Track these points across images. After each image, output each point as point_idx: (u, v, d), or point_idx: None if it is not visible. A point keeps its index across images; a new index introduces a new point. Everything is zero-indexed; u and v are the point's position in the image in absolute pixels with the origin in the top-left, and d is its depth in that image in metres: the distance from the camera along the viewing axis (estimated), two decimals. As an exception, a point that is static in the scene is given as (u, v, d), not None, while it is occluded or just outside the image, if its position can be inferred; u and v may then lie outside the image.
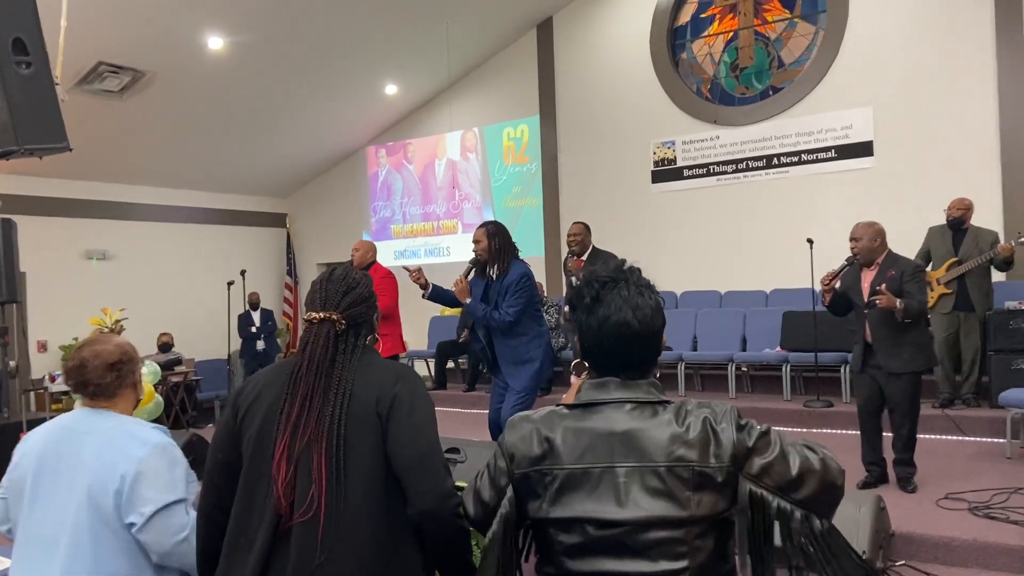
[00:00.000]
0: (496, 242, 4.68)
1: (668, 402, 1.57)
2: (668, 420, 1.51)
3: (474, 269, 4.79)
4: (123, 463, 2.04)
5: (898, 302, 4.33)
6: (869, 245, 4.58)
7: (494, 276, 4.72)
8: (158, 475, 2.06)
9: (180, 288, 11.26)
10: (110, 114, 9.13)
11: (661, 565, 1.46)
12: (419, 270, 4.93)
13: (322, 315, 1.80)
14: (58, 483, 2.07)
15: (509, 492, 1.60)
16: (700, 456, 1.47)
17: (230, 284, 9.55)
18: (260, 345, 10.51)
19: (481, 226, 4.82)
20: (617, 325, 1.57)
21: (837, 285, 4.64)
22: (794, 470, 1.50)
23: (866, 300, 4.53)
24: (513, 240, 4.77)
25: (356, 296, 1.85)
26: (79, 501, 2.04)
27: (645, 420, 1.52)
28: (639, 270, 1.66)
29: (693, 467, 1.46)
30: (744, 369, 7.79)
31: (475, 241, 4.76)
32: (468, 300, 4.68)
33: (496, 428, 4.89)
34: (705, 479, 1.47)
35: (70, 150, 3.96)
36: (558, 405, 1.64)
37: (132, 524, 2.02)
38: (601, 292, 1.60)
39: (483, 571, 1.61)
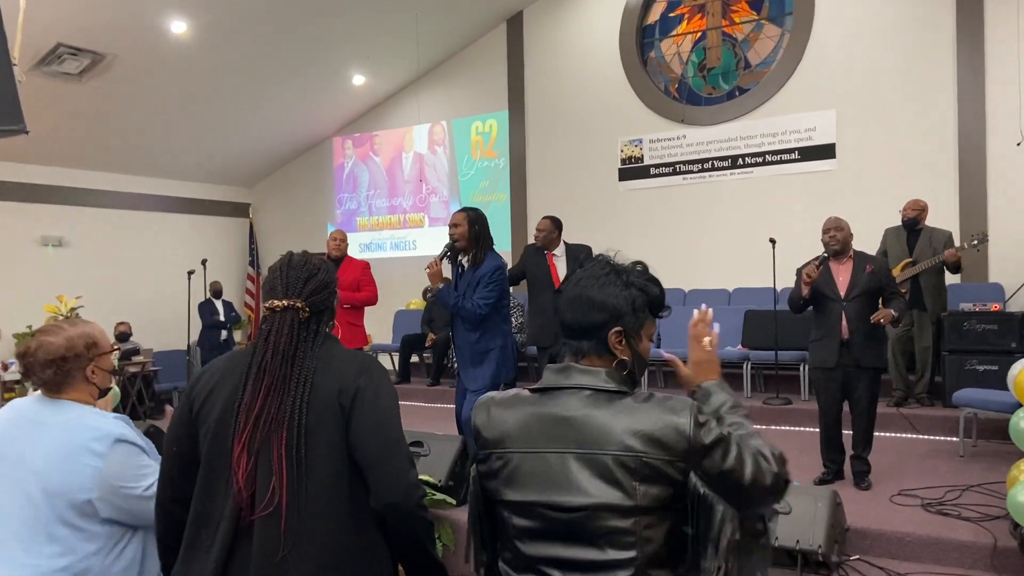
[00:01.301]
0: (475, 229, 4.52)
1: (626, 392, 1.57)
2: (623, 410, 1.52)
3: (448, 255, 4.62)
4: (84, 472, 1.99)
5: (893, 312, 4.48)
6: (848, 237, 4.67)
7: (465, 265, 4.60)
8: (125, 472, 2.03)
9: (139, 277, 11.05)
10: (69, 97, 8.92)
11: (609, 554, 1.47)
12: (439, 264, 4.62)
13: (285, 303, 1.75)
14: (3, 473, 2.03)
15: (473, 471, 1.65)
16: (650, 448, 1.48)
17: (191, 274, 9.40)
18: (223, 335, 10.37)
19: (461, 210, 4.65)
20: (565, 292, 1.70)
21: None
22: (747, 478, 1.52)
23: (843, 294, 4.59)
24: (490, 234, 4.63)
25: (318, 283, 1.80)
26: (26, 496, 1.99)
27: (600, 408, 1.53)
28: (601, 258, 1.75)
29: (641, 458, 1.47)
30: (706, 366, 7.86)
31: (453, 225, 4.57)
32: (441, 285, 4.51)
33: (464, 423, 4.85)
34: (653, 471, 1.47)
35: (27, 133, 3.87)
36: (525, 389, 1.66)
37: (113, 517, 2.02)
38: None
39: (467, 551, 1.66)
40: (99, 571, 2.01)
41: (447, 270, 4.68)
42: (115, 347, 2.33)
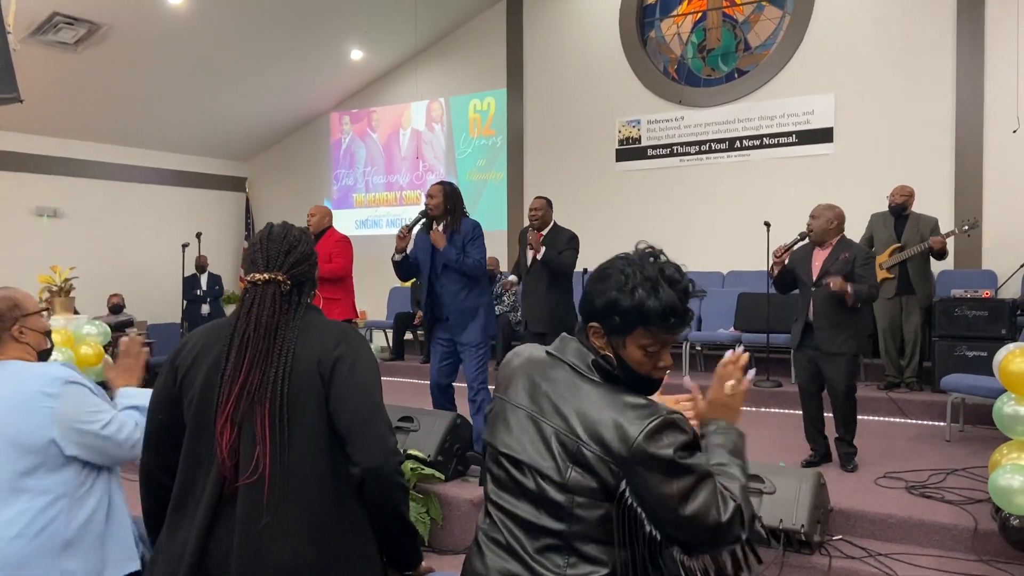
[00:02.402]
0: (450, 202, 4.86)
1: (597, 382, 1.58)
2: (589, 395, 1.57)
3: (422, 221, 4.94)
4: (42, 414, 2.09)
5: (849, 287, 4.43)
6: (824, 226, 4.66)
7: (444, 233, 4.88)
8: (80, 410, 2.13)
9: (134, 249, 11.04)
10: (64, 67, 8.87)
11: (543, 520, 1.54)
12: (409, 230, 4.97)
13: (267, 276, 1.76)
14: None
15: (490, 408, 1.77)
16: (590, 439, 1.51)
17: (185, 246, 9.39)
18: (205, 309, 10.36)
19: (438, 183, 5.00)
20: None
21: (786, 260, 4.73)
22: (686, 511, 1.46)
23: (815, 279, 4.62)
24: (464, 206, 4.97)
25: (299, 255, 1.81)
26: None
27: (573, 387, 1.59)
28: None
29: (579, 444, 1.52)
30: (699, 348, 7.92)
31: (429, 196, 4.91)
32: (444, 245, 4.78)
33: (438, 390, 5.04)
34: (585, 461, 1.51)
35: (21, 101, 3.87)
36: (547, 351, 1.71)
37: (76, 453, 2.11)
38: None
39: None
40: (65, 519, 2.08)
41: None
42: (43, 309, 2.44)
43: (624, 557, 1.51)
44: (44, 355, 2.38)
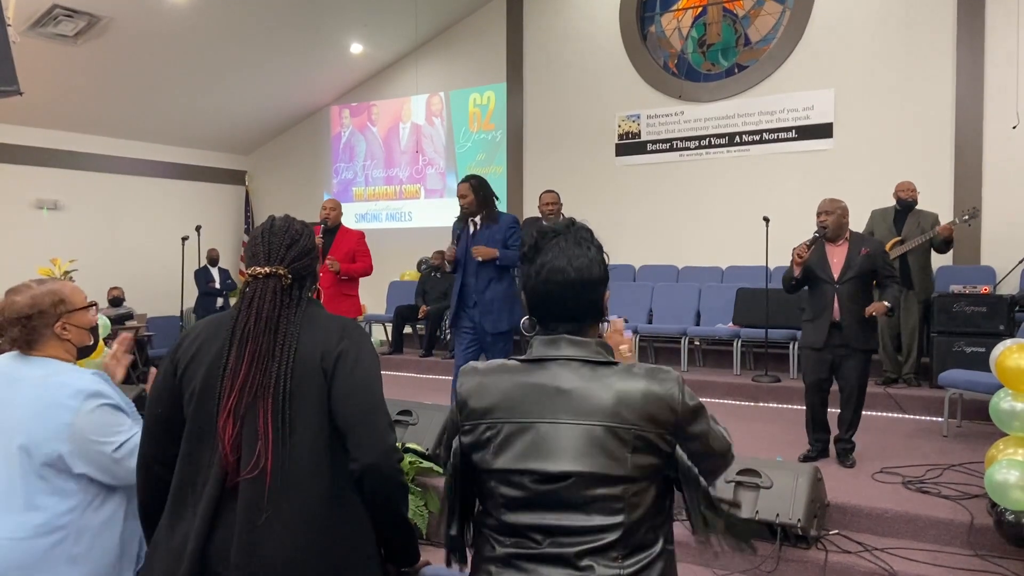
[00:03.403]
0: (481, 194, 4.99)
1: (615, 363, 1.60)
2: (614, 381, 1.55)
3: (459, 225, 5.09)
4: (57, 426, 2.03)
5: (886, 305, 4.50)
6: (839, 221, 4.65)
7: (479, 224, 5.00)
8: (96, 427, 2.06)
9: (134, 242, 11.05)
10: (64, 60, 8.86)
11: (596, 519, 1.50)
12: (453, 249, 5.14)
13: (268, 270, 1.76)
14: None
15: (456, 443, 1.65)
16: (641, 420, 1.51)
17: (184, 239, 9.40)
18: (219, 302, 10.39)
19: (464, 181, 5.09)
20: (552, 271, 1.61)
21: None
22: (717, 446, 1.61)
23: (837, 276, 4.62)
24: (493, 192, 5.13)
25: (301, 248, 1.80)
26: (4, 453, 2.03)
27: (591, 379, 1.56)
28: (585, 226, 1.69)
29: (633, 430, 1.51)
30: (697, 343, 7.93)
31: (461, 196, 5.02)
32: (494, 254, 4.93)
33: None
34: (644, 442, 1.51)
35: (20, 94, 3.87)
36: (512, 359, 1.66)
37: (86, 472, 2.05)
38: (540, 242, 1.65)
39: (441, 520, 1.66)
40: (76, 529, 2.04)
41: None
42: (91, 303, 2.33)
43: (688, 507, 1.58)
44: (86, 351, 2.30)
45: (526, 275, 1.66)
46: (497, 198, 5.14)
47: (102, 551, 2.08)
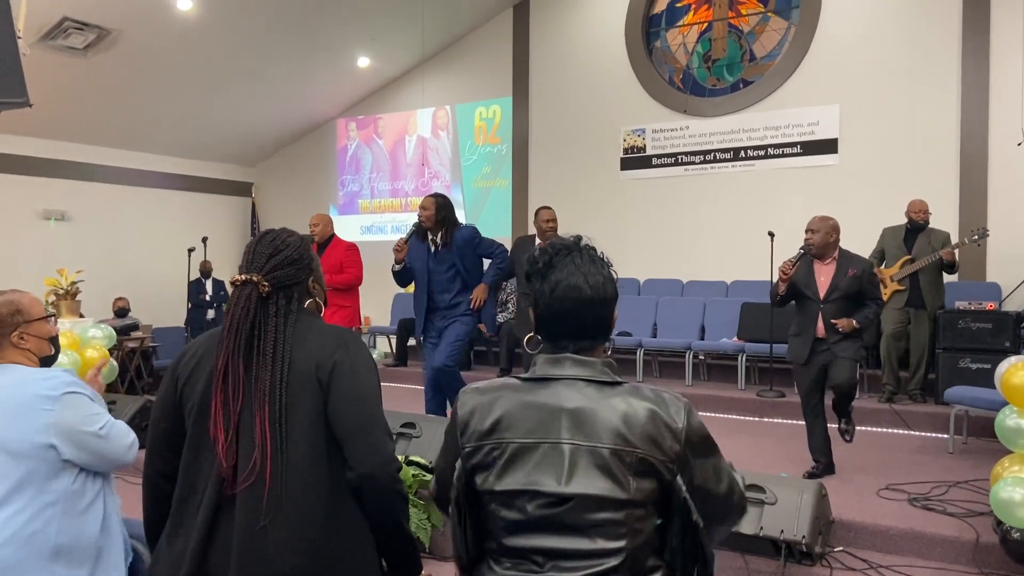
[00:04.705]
0: (442, 213, 5.16)
1: (621, 383, 1.56)
2: (619, 402, 1.51)
3: (414, 234, 5.26)
4: (40, 420, 2.10)
5: (855, 322, 4.52)
6: (824, 240, 4.65)
7: (439, 243, 5.19)
8: (78, 417, 2.15)
9: (140, 253, 11.08)
10: (74, 72, 8.92)
11: (599, 543, 1.47)
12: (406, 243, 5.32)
13: (244, 277, 1.77)
14: None
15: (458, 468, 1.60)
16: (646, 445, 1.48)
17: (191, 251, 9.43)
18: (211, 314, 10.38)
19: (431, 195, 5.28)
20: (568, 288, 1.57)
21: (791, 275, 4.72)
22: (723, 488, 1.57)
23: (822, 295, 4.62)
24: (456, 217, 5.34)
25: (282, 258, 1.80)
26: None
27: (596, 400, 1.52)
28: (593, 245, 1.67)
29: (637, 454, 1.48)
30: (701, 357, 7.92)
31: (422, 208, 5.19)
32: (483, 298, 5.27)
33: (433, 384, 5.32)
34: (647, 467, 1.48)
35: (30, 106, 3.89)
36: (513, 377, 1.64)
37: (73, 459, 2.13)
38: (554, 259, 1.61)
39: (455, 546, 1.63)
40: (57, 526, 2.10)
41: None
42: (51, 314, 2.42)
43: (675, 546, 1.52)
44: (47, 361, 2.37)
45: (539, 292, 1.60)
46: (458, 224, 5.31)
47: (88, 545, 2.16)
